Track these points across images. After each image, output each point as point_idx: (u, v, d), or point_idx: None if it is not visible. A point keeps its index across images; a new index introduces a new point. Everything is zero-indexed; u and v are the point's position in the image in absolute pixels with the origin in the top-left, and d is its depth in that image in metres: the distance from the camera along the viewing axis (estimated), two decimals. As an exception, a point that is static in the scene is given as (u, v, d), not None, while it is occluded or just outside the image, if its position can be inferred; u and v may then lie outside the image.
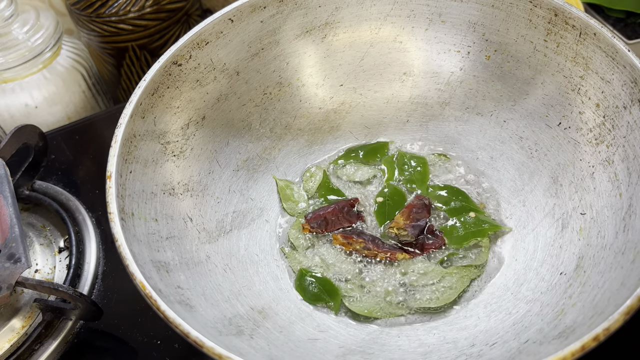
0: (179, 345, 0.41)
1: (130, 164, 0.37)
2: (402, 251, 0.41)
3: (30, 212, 0.51)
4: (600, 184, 0.38)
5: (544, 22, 0.41)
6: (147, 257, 0.34)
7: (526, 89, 0.43)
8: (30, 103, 0.61)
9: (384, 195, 0.45)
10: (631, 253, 0.32)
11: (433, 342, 0.36)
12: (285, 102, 0.47)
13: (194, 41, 0.41)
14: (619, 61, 0.37)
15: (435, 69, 0.47)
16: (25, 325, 0.42)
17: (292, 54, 0.46)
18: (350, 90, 0.48)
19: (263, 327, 0.36)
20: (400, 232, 0.42)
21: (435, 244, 0.41)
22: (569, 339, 0.29)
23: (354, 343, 0.36)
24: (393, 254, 0.41)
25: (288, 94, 0.47)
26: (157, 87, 0.40)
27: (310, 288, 0.40)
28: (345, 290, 0.40)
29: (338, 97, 0.49)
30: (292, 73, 0.47)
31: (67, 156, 0.56)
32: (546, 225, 0.40)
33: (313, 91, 0.48)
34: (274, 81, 0.47)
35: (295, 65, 0.47)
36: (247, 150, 0.46)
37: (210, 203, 0.42)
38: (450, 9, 0.44)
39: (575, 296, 0.33)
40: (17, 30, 0.59)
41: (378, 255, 0.41)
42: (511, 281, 0.39)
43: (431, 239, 0.42)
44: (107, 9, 0.60)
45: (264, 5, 0.43)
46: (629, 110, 0.36)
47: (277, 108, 0.47)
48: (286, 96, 0.47)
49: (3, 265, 0.39)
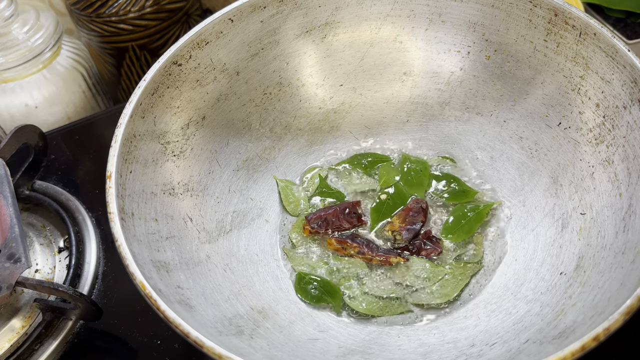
0: (179, 345, 0.41)
1: (130, 164, 0.37)
2: (397, 255, 0.41)
3: (30, 212, 0.51)
4: (600, 184, 0.38)
5: (544, 22, 0.41)
6: (147, 257, 0.34)
7: (526, 89, 0.43)
8: (30, 103, 0.61)
9: (387, 194, 0.45)
10: (631, 253, 0.32)
11: (433, 342, 0.36)
12: (285, 102, 0.47)
13: (194, 41, 0.41)
14: (619, 61, 0.37)
15: (435, 69, 0.47)
16: (25, 325, 0.42)
17: (292, 54, 0.46)
18: (350, 90, 0.48)
19: (263, 327, 0.36)
20: (395, 234, 0.42)
21: (431, 250, 0.41)
22: (569, 339, 0.29)
23: (354, 343, 0.36)
24: (387, 258, 0.41)
25: (288, 94, 0.47)
26: (157, 87, 0.40)
27: (311, 290, 0.40)
28: (346, 288, 0.40)
29: (338, 97, 0.49)
30: (292, 73, 0.47)
31: (67, 156, 0.56)
32: (546, 225, 0.40)
33: (313, 91, 0.48)
34: (274, 81, 0.47)
35: (295, 65, 0.47)
36: (247, 150, 0.46)
37: (210, 203, 0.42)
38: (450, 9, 0.44)
39: (575, 296, 0.33)
40: (17, 30, 0.59)
41: (373, 259, 0.41)
42: (511, 281, 0.39)
43: (428, 245, 0.41)
44: (107, 9, 0.60)
45: (264, 5, 0.43)
46: (629, 110, 0.36)
47: (277, 108, 0.47)
48: (286, 96, 0.47)
49: (3, 265, 0.39)
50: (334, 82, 0.48)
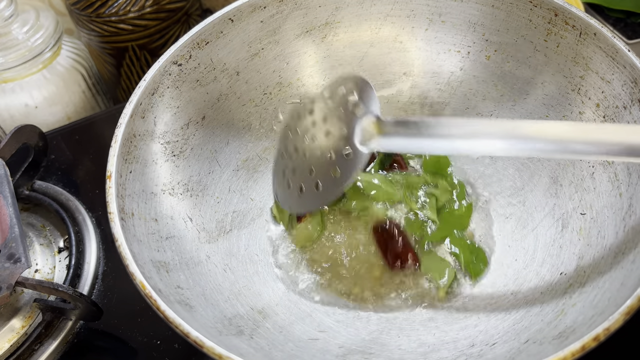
0: (179, 345, 0.41)
1: (130, 164, 0.37)
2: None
3: (30, 212, 0.51)
4: (600, 184, 0.38)
5: (544, 22, 0.41)
6: (147, 257, 0.34)
7: (526, 89, 0.43)
8: (30, 103, 0.61)
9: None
10: (631, 253, 0.32)
11: (433, 342, 0.36)
12: (285, 102, 0.47)
13: (194, 41, 0.41)
14: (619, 61, 0.37)
15: (435, 69, 0.47)
16: (25, 325, 0.42)
17: (292, 54, 0.46)
18: (350, 90, 0.48)
19: (263, 327, 0.36)
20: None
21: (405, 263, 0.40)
22: (569, 339, 0.29)
23: (354, 343, 0.36)
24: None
25: (288, 94, 0.47)
26: (157, 87, 0.40)
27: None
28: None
29: (338, 97, 0.48)
30: (292, 73, 0.47)
31: (67, 156, 0.56)
32: (546, 225, 0.40)
33: (313, 91, 0.48)
34: (274, 81, 0.47)
35: (295, 65, 0.47)
36: (247, 150, 0.46)
37: (210, 203, 0.42)
38: (450, 9, 0.44)
39: (575, 296, 0.33)
40: (17, 30, 0.59)
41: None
42: (511, 281, 0.39)
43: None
44: (107, 9, 0.60)
45: (264, 5, 0.43)
46: (629, 110, 0.36)
47: (277, 108, 0.47)
48: (286, 96, 0.47)
49: (3, 265, 0.39)
50: (334, 82, 0.48)
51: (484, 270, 0.40)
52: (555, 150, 0.30)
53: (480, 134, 0.32)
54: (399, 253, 0.40)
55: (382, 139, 0.36)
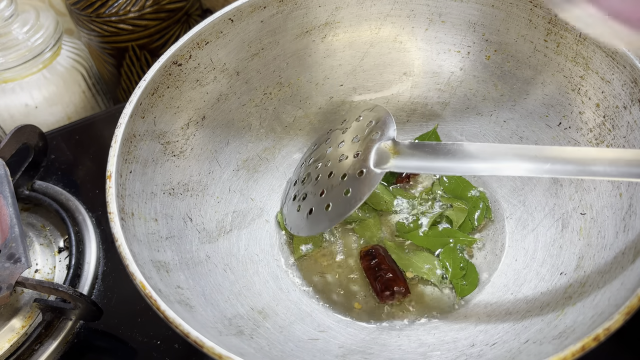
0: (179, 345, 0.41)
1: (130, 164, 0.37)
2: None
3: (30, 212, 0.51)
4: (600, 184, 0.38)
5: (544, 22, 0.41)
6: (147, 257, 0.34)
7: (526, 89, 0.43)
8: (30, 103, 0.61)
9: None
10: (631, 253, 0.32)
11: (433, 342, 0.36)
12: (285, 102, 0.47)
13: (194, 41, 0.41)
14: (619, 61, 0.37)
15: (435, 69, 0.47)
16: (25, 325, 0.42)
17: (292, 54, 0.46)
18: (350, 90, 0.48)
19: (263, 327, 0.36)
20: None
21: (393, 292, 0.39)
22: (569, 339, 0.29)
23: (354, 343, 0.36)
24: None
25: (288, 94, 0.47)
26: (157, 87, 0.40)
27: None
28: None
29: (338, 97, 0.49)
30: (292, 73, 0.47)
31: (67, 156, 0.56)
32: (546, 225, 0.40)
33: (313, 91, 0.48)
34: (274, 81, 0.47)
35: (295, 65, 0.47)
36: (247, 150, 0.46)
37: (210, 203, 0.42)
38: (450, 9, 0.44)
39: (575, 296, 0.33)
40: (17, 30, 0.59)
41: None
42: (511, 281, 0.39)
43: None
44: (107, 9, 0.60)
45: (264, 5, 0.43)
46: (629, 110, 0.36)
47: (277, 108, 0.47)
48: (286, 96, 0.47)
49: (3, 265, 0.39)
50: (334, 82, 0.48)
51: (470, 291, 0.39)
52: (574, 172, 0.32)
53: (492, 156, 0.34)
54: (389, 282, 0.39)
55: (396, 160, 0.37)
